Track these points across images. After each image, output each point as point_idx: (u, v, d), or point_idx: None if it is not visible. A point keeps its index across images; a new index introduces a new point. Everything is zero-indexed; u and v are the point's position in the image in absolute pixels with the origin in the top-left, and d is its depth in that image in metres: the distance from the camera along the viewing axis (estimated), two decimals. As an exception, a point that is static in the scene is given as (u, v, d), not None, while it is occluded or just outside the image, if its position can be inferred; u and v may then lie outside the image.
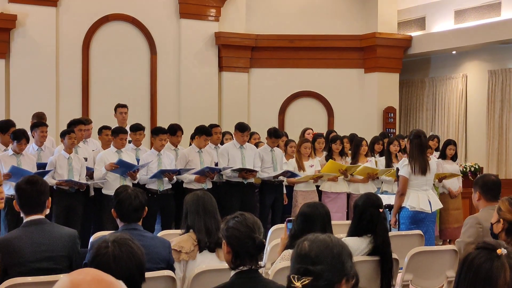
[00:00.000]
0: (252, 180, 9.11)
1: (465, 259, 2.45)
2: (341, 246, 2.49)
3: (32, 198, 4.18)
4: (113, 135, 8.57)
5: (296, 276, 2.37)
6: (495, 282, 2.35)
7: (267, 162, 9.28)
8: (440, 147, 10.69)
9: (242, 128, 9.14)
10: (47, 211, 4.30)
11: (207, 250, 4.51)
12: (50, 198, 4.30)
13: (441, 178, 9.49)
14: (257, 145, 9.84)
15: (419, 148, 7.19)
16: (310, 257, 2.40)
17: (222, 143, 9.74)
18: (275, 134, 9.40)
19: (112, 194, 4.57)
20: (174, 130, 9.17)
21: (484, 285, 2.35)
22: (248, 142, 9.35)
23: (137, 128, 8.99)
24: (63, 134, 8.25)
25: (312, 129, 11.05)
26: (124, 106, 9.97)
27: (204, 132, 8.92)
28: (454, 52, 14.07)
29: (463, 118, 14.20)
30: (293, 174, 9.24)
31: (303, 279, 2.35)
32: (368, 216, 4.75)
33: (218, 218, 4.53)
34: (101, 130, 9.04)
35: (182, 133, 9.32)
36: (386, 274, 4.71)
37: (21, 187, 4.23)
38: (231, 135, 10.19)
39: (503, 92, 13.26)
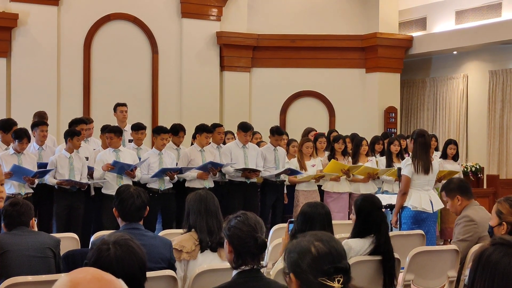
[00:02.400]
0: (255, 179, 9.11)
1: (481, 255, 2.40)
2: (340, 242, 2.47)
3: (12, 218, 4.56)
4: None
5: (326, 277, 2.28)
6: None
7: (269, 161, 9.29)
8: (439, 146, 10.71)
9: (245, 127, 9.15)
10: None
11: (209, 250, 4.50)
12: (34, 219, 4.74)
13: (440, 178, 9.46)
14: (258, 144, 9.84)
15: (423, 147, 7.19)
16: (333, 256, 2.33)
17: (224, 143, 9.73)
18: (278, 132, 9.42)
19: (112, 193, 4.58)
20: (177, 131, 9.18)
21: (503, 281, 2.32)
22: (249, 141, 9.36)
23: (138, 127, 8.99)
24: (71, 135, 8.18)
25: (316, 130, 10.99)
26: (124, 104, 9.95)
27: (204, 130, 8.92)
28: (455, 52, 14.07)
29: (464, 118, 14.20)
30: (293, 171, 9.23)
31: (337, 278, 2.28)
32: (373, 219, 4.75)
33: (220, 218, 4.52)
34: (104, 130, 9.02)
35: (185, 134, 9.34)
36: (389, 272, 4.71)
37: (4, 208, 4.60)
38: (233, 134, 10.19)
39: (504, 92, 13.26)
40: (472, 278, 2.42)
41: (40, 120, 8.86)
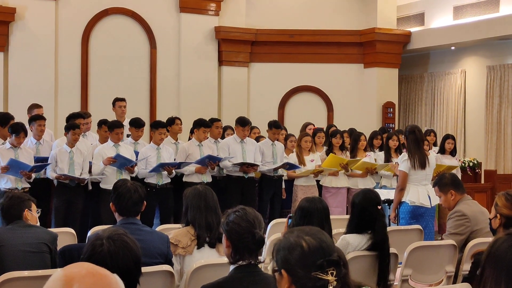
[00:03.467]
0: (252, 174, 9.11)
1: (494, 244, 2.42)
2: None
3: (9, 210, 4.55)
4: (109, 130, 8.53)
5: (319, 271, 2.26)
6: None
7: (267, 156, 9.28)
8: (438, 141, 10.71)
9: (243, 122, 9.14)
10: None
11: (208, 246, 4.48)
12: (26, 210, 4.66)
13: (439, 173, 9.46)
14: (257, 139, 9.83)
15: (415, 143, 7.20)
16: (323, 249, 2.30)
17: (223, 138, 9.72)
18: (275, 125, 9.42)
19: (110, 188, 4.55)
20: (172, 120, 9.27)
21: (509, 271, 2.33)
22: (248, 136, 9.35)
23: (139, 124, 8.91)
24: (68, 128, 8.21)
25: (313, 124, 11.02)
26: (123, 99, 9.94)
27: (202, 124, 8.93)
28: (453, 47, 14.06)
29: (461, 113, 14.21)
30: (292, 166, 9.23)
31: (330, 271, 2.26)
32: (368, 215, 4.74)
33: (219, 214, 4.49)
34: (100, 124, 8.99)
35: (181, 122, 9.35)
36: (383, 269, 4.70)
37: (1, 202, 4.63)
38: (233, 130, 10.19)
39: (502, 87, 13.26)
40: (482, 266, 2.43)
41: (38, 114, 8.83)
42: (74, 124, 8.33)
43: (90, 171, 8.38)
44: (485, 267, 2.41)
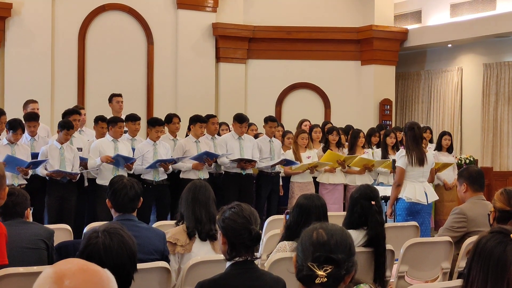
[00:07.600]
0: (250, 171, 9.10)
1: (478, 242, 2.45)
2: (351, 237, 2.48)
3: (7, 208, 4.46)
4: (111, 124, 8.44)
5: (315, 264, 2.31)
6: (508, 265, 2.36)
7: (265, 152, 9.28)
8: (434, 138, 10.72)
9: (240, 119, 9.14)
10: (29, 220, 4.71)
11: (199, 239, 4.50)
12: (29, 209, 4.68)
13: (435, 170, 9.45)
14: (256, 136, 9.82)
15: (414, 140, 7.22)
16: (329, 245, 2.34)
17: (219, 134, 9.72)
18: (271, 119, 9.45)
19: (106, 184, 4.55)
20: (170, 118, 9.23)
21: (496, 268, 2.35)
22: (246, 133, 9.34)
23: (135, 118, 8.91)
24: (62, 127, 7.99)
25: (309, 121, 11.03)
26: (120, 95, 9.91)
27: (198, 120, 8.92)
28: (449, 45, 14.08)
29: (458, 111, 14.22)
30: (289, 162, 9.22)
31: (325, 267, 2.30)
32: (359, 208, 4.71)
33: (210, 209, 4.51)
34: (97, 121, 8.90)
35: (179, 120, 9.33)
36: (380, 266, 4.70)
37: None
38: (228, 126, 10.18)
39: (498, 85, 13.27)
40: (469, 265, 2.44)
41: (31, 114, 8.60)
42: (69, 124, 8.07)
43: (86, 167, 8.34)
44: (472, 266, 2.43)
